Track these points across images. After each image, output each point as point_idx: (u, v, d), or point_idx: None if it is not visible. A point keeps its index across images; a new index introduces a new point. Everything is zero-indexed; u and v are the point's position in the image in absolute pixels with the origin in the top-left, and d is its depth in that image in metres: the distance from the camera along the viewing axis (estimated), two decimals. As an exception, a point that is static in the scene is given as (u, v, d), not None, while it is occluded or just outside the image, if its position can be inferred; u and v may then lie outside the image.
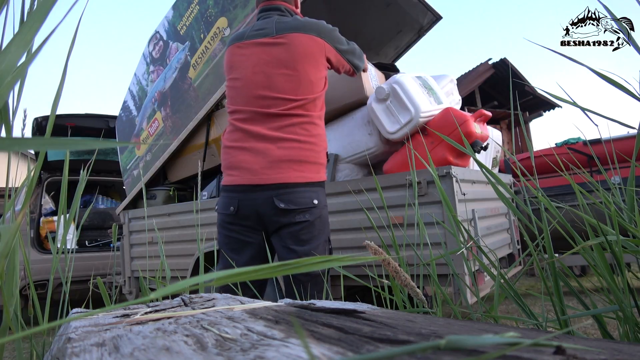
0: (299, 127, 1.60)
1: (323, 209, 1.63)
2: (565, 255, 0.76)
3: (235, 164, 1.62)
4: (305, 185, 1.58)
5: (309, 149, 1.61)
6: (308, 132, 1.61)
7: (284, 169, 1.57)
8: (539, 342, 0.25)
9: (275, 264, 0.31)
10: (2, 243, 0.39)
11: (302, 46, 1.61)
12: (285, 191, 1.56)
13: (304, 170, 1.58)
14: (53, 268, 0.84)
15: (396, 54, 3.87)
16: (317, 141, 1.63)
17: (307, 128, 1.61)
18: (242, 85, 1.66)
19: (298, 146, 1.59)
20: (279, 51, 1.61)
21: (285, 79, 1.61)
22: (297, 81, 1.60)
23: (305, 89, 1.61)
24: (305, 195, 1.57)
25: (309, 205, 1.58)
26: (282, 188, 1.56)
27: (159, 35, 3.26)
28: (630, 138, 3.48)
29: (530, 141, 1.43)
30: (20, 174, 1.02)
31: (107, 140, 0.27)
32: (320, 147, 1.66)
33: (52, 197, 5.20)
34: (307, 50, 1.61)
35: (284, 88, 1.60)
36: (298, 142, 1.59)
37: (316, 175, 1.62)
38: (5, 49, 0.38)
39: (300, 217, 1.57)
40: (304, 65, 1.61)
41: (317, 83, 1.64)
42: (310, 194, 1.58)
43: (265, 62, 1.62)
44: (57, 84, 0.65)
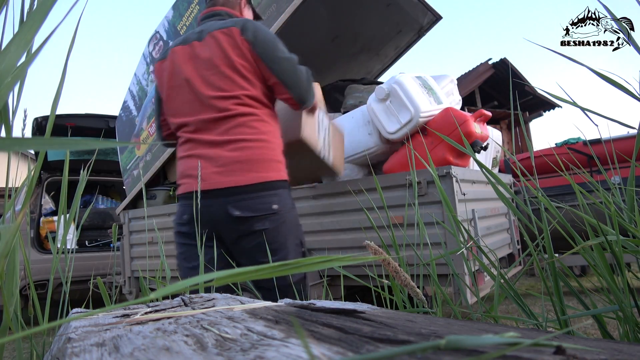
0: (245, 126, 1.46)
1: (287, 213, 1.47)
2: (565, 255, 0.76)
3: (187, 171, 1.52)
4: (262, 186, 1.42)
5: (261, 147, 1.46)
6: (257, 130, 1.47)
7: (236, 171, 1.43)
8: (539, 342, 0.25)
9: (275, 264, 0.31)
10: (2, 243, 0.39)
11: (224, 41, 1.48)
12: (241, 197, 1.42)
13: (259, 170, 1.43)
14: (53, 268, 0.84)
15: (396, 54, 3.88)
16: (268, 138, 1.49)
17: (254, 126, 1.47)
18: (182, 95, 1.56)
19: (248, 145, 1.45)
20: (206, 52, 1.51)
21: (218, 77, 1.49)
22: (229, 78, 1.48)
23: (242, 84, 1.48)
24: (264, 201, 1.41)
25: (268, 212, 1.42)
26: (236, 194, 1.42)
27: (159, 35, 3.26)
28: (630, 138, 3.48)
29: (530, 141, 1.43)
30: (20, 174, 1.02)
31: (107, 140, 0.27)
32: (274, 144, 1.51)
33: (52, 197, 5.20)
34: (229, 44, 1.47)
35: (220, 87, 1.48)
36: (247, 142, 1.45)
37: (274, 174, 1.46)
38: (5, 49, 0.38)
39: (260, 226, 1.42)
40: (232, 61, 1.47)
41: (255, 79, 1.50)
42: (269, 198, 1.43)
43: (199, 67, 1.53)
44: (57, 84, 0.65)
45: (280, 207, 1.44)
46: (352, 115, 2.56)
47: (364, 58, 3.95)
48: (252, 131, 1.47)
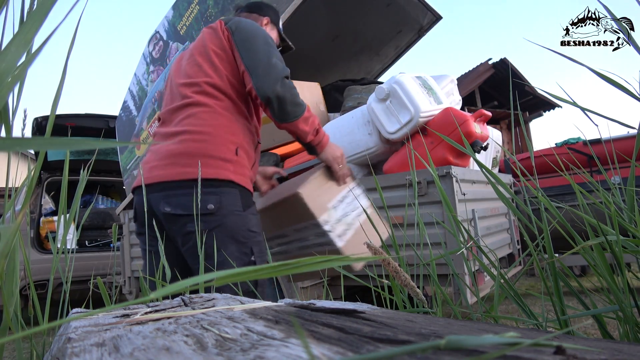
0: (194, 117, 1.35)
1: (228, 216, 1.31)
2: (565, 255, 0.76)
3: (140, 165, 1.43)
4: (195, 183, 1.23)
5: (203, 140, 1.33)
6: (203, 122, 1.35)
7: (169, 165, 1.32)
8: (539, 342, 0.25)
9: (275, 264, 0.31)
10: (2, 243, 0.39)
11: (206, 33, 1.46)
12: (175, 192, 1.29)
13: (195, 165, 1.27)
14: (53, 268, 0.84)
15: (396, 54, 3.88)
16: (215, 132, 1.34)
17: (202, 117, 1.35)
18: (166, 92, 1.56)
19: (189, 138, 1.33)
20: (191, 48, 1.49)
21: (189, 66, 1.43)
22: (198, 65, 1.41)
23: (207, 71, 1.40)
24: (201, 199, 1.23)
25: (203, 212, 1.27)
26: (169, 188, 1.30)
27: (159, 35, 3.26)
28: (630, 138, 3.48)
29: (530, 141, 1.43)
30: (20, 174, 1.02)
31: (107, 140, 0.27)
32: (222, 139, 1.35)
33: (52, 197, 5.20)
34: (210, 37, 1.43)
35: (187, 74, 1.42)
36: (190, 134, 1.33)
37: (214, 171, 1.30)
38: (5, 49, 0.38)
39: (191, 227, 1.26)
40: (207, 49, 1.42)
41: (224, 68, 1.41)
42: (205, 196, 1.26)
43: (181, 61, 1.52)
44: (57, 84, 0.65)
45: (218, 207, 1.29)
46: (352, 115, 2.56)
47: (364, 58, 3.95)
48: (198, 123, 1.35)
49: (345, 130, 2.54)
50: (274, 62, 1.37)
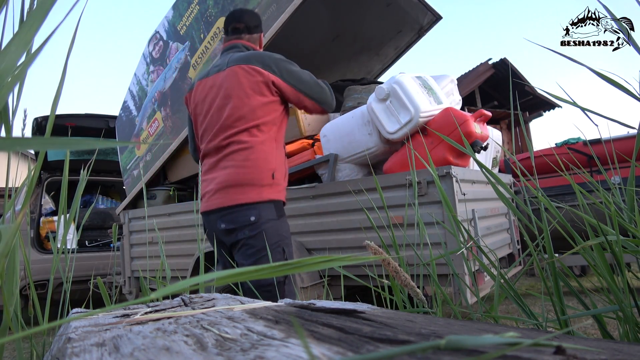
0: (236, 153, 1.72)
1: (265, 224, 1.69)
2: (565, 255, 0.76)
3: (202, 193, 1.83)
4: (242, 206, 1.69)
5: (245, 173, 1.70)
6: (244, 158, 1.71)
7: (223, 194, 1.71)
8: (539, 342, 0.25)
9: (275, 264, 0.31)
10: (2, 243, 0.39)
11: (238, 75, 1.73)
12: (226, 212, 1.71)
13: (243, 193, 1.69)
14: (53, 268, 0.84)
15: (396, 54, 3.87)
16: (254, 165, 1.71)
17: (244, 155, 1.71)
18: (202, 122, 1.84)
19: (235, 172, 1.71)
20: (223, 82, 1.76)
21: (228, 108, 1.74)
22: (237, 109, 1.72)
23: (247, 115, 1.72)
24: (244, 214, 1.69)
25: (247, 223, 1.68)
26: (223, 210, 1.72)
27: (159, 35, 3.26)
28: (630, 138, 3.48)
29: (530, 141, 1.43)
30: (20, 174, 1.02)
31: (107, 140, 0.27)
32: (260, 169, 1.72)
33: (52, 197, 5.20)
34: (244, 79, 1.72)
35: (229, 116, 1.73)
36: (235, 168, 1.71)
37: (256, 196, 1.70)
38: (5, 48, 0.38)
39: (241, 235, 1.69)
40: (240, 92, 1.72)
41: (261, 109, 1.73)
42: (248, 211, 1.69)
43: (216, 96, 1.78)
44: (57, 84, 0.65)
45: (258, 219, 1.69)
46: (352, 115, 2.56)
47: (364, 58, 3.95)
48: (241, 158, 1.71)
49: (345, 130, 2.54)
50: (319, 82, 1.85)
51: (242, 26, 1.90)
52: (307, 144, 2.85)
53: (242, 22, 1.90)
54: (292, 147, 2.83)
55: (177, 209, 3.11)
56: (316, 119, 2.90)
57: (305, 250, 2.45)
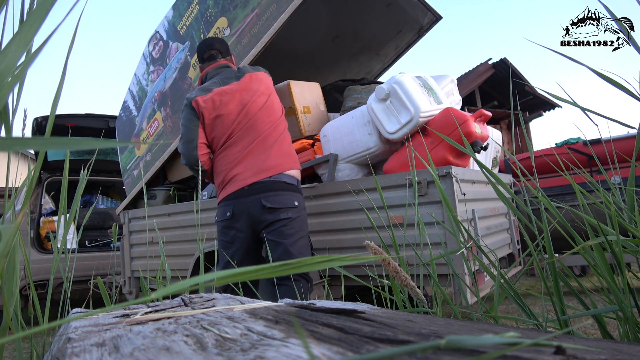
0: (284, 139, 2.27)
1: (303, 211, 2.10)
2: (565, 255, 0.76)
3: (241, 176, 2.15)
4: (286, 188, 2.05)
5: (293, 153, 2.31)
6: (289, 142, 2.29)
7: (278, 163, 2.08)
8: (539, 342, 0.25)
9: (275, 264, 0.31)
10: (2, 243, 0.39)
11: (265, 78, 2.17)
12: (271, 193, 1.98)
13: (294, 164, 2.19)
14: (53, 268, 0.84)
15: (396, 54, 3.87)
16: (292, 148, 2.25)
17: (289, 139, 2.27)
18: (234, 121, 2.10)
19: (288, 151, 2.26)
20: (253, 85, 2.11)
21: (275, 103, 2.18)
22: (278, 103, 2.21)
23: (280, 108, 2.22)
24: (288, 197, 2.01)
25: (291, 205, 2.01)
26: (268, 189, 2.01)
27: (159, 35, 3.26)
28: (630, 138, 3.48)
29: (530, 141, 1.42)
30: (20, 174, 1.02)
31: (107, 140, 0.27)
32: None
33: (52, 197, 5.20)
34: (269, 81, 2.19)
35: (277, 110, 2.17)
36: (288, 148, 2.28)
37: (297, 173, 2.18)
38: (5, 48, 0.38)
39: (284, 214, 1.98)
40: (272, 93, 2.17)
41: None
42: (292, 196, 2.04)
43: (246, 96, 2.08)
44: (57, 83, 0.65)
45: (299, 204, 2.05)
46: (352, 115, 2.56)
47: (364, 58, 3.95)
48: (287, 142, 2.20)
49: (345, 130, 2.53)
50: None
51: (215, 52, 2.24)
52: (307, 144, 2.85)
53: (214, 48, 2.24)
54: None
55: (177, 209, 3.11)
56: (316, 119, 2.90)
57: None
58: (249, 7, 2.54)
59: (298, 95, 2.79)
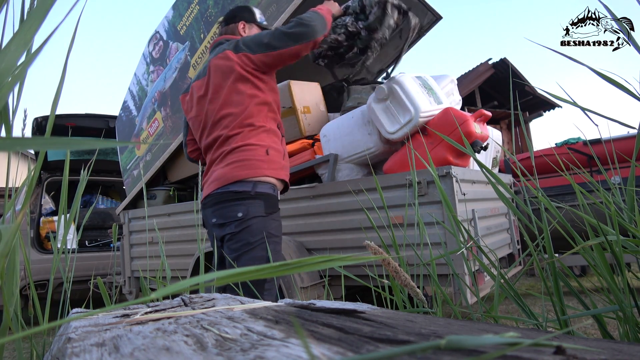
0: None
1: (251, 220, 1.68)
2: (565, 255, 0.76)
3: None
4: (231, 199, 1.72)
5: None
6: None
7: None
8: (539, 342, 0.25)
9: (276, 264, 0.31)
10: (2, 243, 0.39)
11: (219, 65, 1.74)
12: (217, 206, 1.74)
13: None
14: (53, 268, 0.84)
15: (396, 54, 3.87)
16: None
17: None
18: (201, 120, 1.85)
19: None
20: (215, 76, 1.76)
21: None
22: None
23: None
24: (232, 209, 1.69)
25: (234, 218, 1.68)
26: (215, 203, 1.77)
27: (159, 35, 3.26)
28: (630, 138, 3.48)
29: (530, 141, 1.43)
30: (20, 174, 1.02)
31: (107, 140, 0.27)
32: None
33: (52, 197, 5.20)
34: (221, 69, 1.73)
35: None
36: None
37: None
38: (5, 48, 0.38)
39: (228, 229, 1.70)
40: (233, 82, 1.72)
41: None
42: (237, 207, 1.68)
43: (208, 91, 1.78)
44: (57, 83, 0.65)
45: (245, 214, 1.68)
46: (352, 115, 2.56)
47: (364, 58, 3.95)
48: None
49: (345, 130, 2.53)
50: (274, 32, 1.71)
51: (223, 25, 1.95)
52: (307, 144, 2.85)
53: (223, 20, 1.96)
54: (292, 147, 2.83)
55: (177, 209, 3.11)
56: (316, 119, 2.90)
57: (305, 250, 2.45)
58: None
59: (298, 95, 2.79)
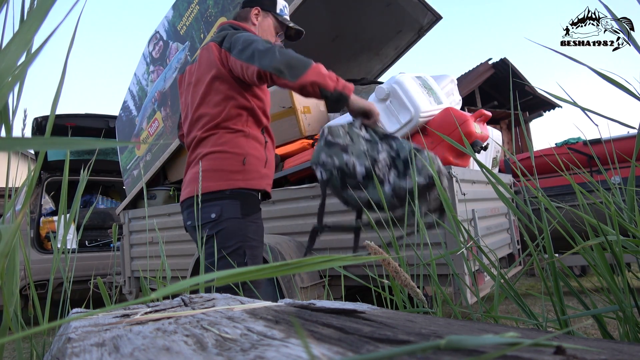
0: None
1: (225, 222, 1.53)
2: (565, 255, 0.76)
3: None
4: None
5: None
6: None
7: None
8: (539, 342, 0.25)
9: (276, 264, 0.31)
10: (2, 243, 0.39)
11: (201, 57, 1.59)
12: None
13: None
14: (53, 268, 0.84)
15: (396, 54, 3.87)
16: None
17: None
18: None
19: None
20: (200, 67, 1.59)
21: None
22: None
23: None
24: (206, 211, 1.54)
25: (208, 220, 1.53)
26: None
27: (159, 35, 3.26)
28: (630, 138, 3.48)
29: (530, 141, 1.42)
30: (20, 174, 1.02)
31: (107, 140, 0.27)
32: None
33: (52, 197, 5.20)
34: (205, 61, 1.56)
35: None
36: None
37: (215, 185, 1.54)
38: (5, 48, 0.38)
39: (202, 232, 1.55)
40: (214, 77, 1.54)
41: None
42: (211, 208, 1.53)
43: (194, 83, 1.62)
44: (57, 83, 0.65)
45: (218, 216, 1.53)
46: (352, 115, 2.56)
47: (364, 58, 3.95)
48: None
49: (345, 130, 2.53)
50: (254, 43, 1.43)
51: (240, 6, 1.74)
52: (307, 144, 2.85)
53: (242, 2, 1.74)
54: (292, 147, 2.83)
55: (177, 209, 3.11)
56: (316, 119, 2.90)
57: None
58: (249, 7, 2.54)
59: (298, 95, 2.79)
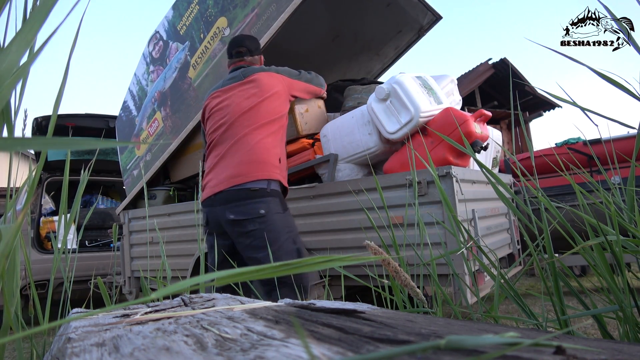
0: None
1: (274, 216, 1.92)
2: (565, 255, 0.76)
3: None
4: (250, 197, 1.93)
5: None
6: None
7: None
8: (539, 342, 0.25)
9: (276, 264, 0.31)
10: (3, 243, 0.39)
11: (268, 80, 2.05)
12: (235, 203, 1.93)
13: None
14: (54, 268, 0.84)
15: (396, 54, 3.87)
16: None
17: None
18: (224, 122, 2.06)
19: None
20: (251, 87, 2.02)
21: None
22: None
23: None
24: (254, 207, 1.88)
25: (257, 215, 1.87)
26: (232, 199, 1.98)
27: (159, 35, 3.26)
28: (630, 138, 3.48)
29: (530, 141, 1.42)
30: (21, 174, 1.02)
31: (107, 140, 0.27)
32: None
33: (52, 197, 5.20)
34: (270, 84, 2.05)
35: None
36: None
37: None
38: (7, 47, 0.38)
39: (251, 226, 1.89)
40: (271, 96, 2.03)
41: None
42: (258, 204, 1.87)
43: (237, 99, 2.02)
44: (57, 83, 0.65)
45: (267, 211, 1.87)
46: (352, 115, 2.56)
47: (364, 58, 3.95)
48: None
49: (345, 130, 2.53)
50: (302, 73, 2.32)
51: (244, 50, 2.19)
52: (307, 144, 2.85)
53: (244, 46, 2.18)
54: (292, 147, 2.83)
55: (177, 209, 3.11)
56: (314, 118, 2.90)
57: (305, 250, 2.45)
58: (248, 6, 2.54)
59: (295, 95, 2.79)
